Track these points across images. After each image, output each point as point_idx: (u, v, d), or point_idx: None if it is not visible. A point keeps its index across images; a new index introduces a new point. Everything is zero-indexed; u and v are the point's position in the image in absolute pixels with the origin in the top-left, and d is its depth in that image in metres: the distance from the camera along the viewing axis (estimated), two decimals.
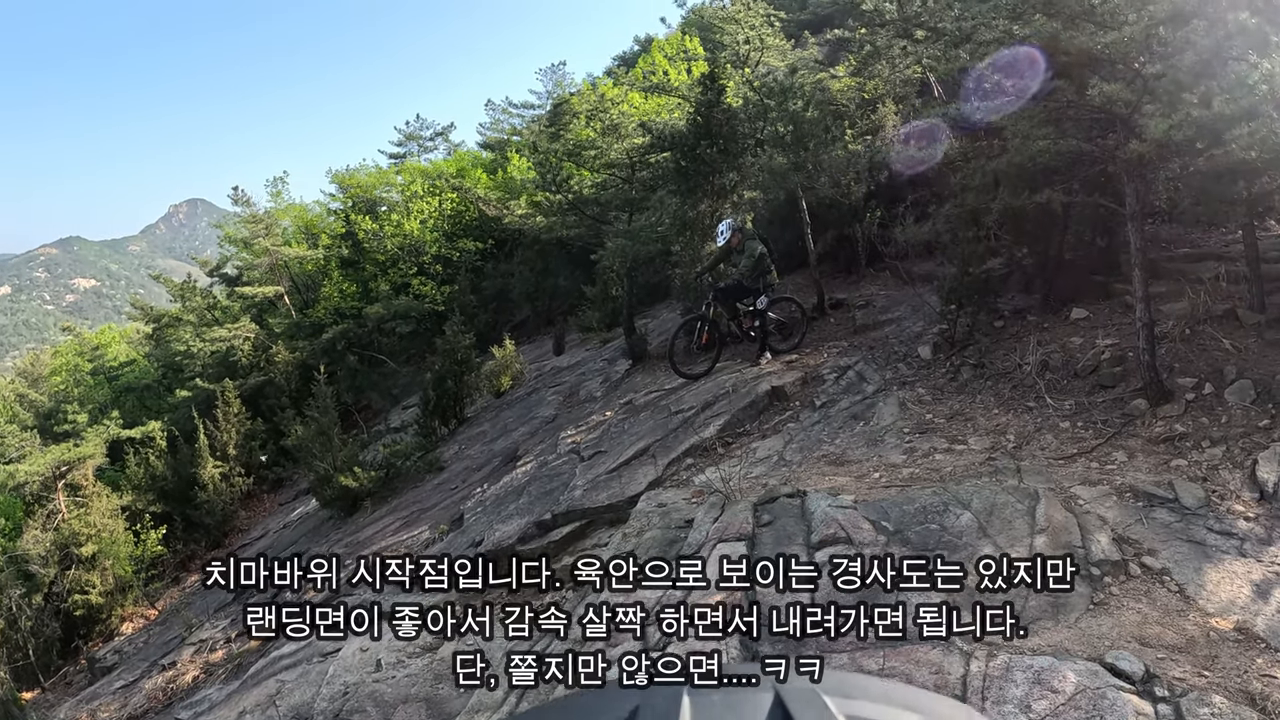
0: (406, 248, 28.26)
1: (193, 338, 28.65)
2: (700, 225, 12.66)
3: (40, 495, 22.80)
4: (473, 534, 10.08)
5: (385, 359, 26.56)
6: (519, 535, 9.12)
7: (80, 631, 20.92)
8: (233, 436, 24.00)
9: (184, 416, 25.78)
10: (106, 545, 20.76)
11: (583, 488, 9.38)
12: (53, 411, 29.47)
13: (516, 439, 14.10)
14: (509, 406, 16.82)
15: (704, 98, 13.20)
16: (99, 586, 20.38)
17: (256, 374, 27.46)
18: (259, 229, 29.87)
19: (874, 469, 7.04)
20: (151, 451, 24.25)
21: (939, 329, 10.04)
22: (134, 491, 23.23)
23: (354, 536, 14.06)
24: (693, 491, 7.65)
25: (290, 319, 29.26)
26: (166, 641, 15.23)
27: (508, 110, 34.15)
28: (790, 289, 14.08)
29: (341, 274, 29.70)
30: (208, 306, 30.74)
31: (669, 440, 9.57)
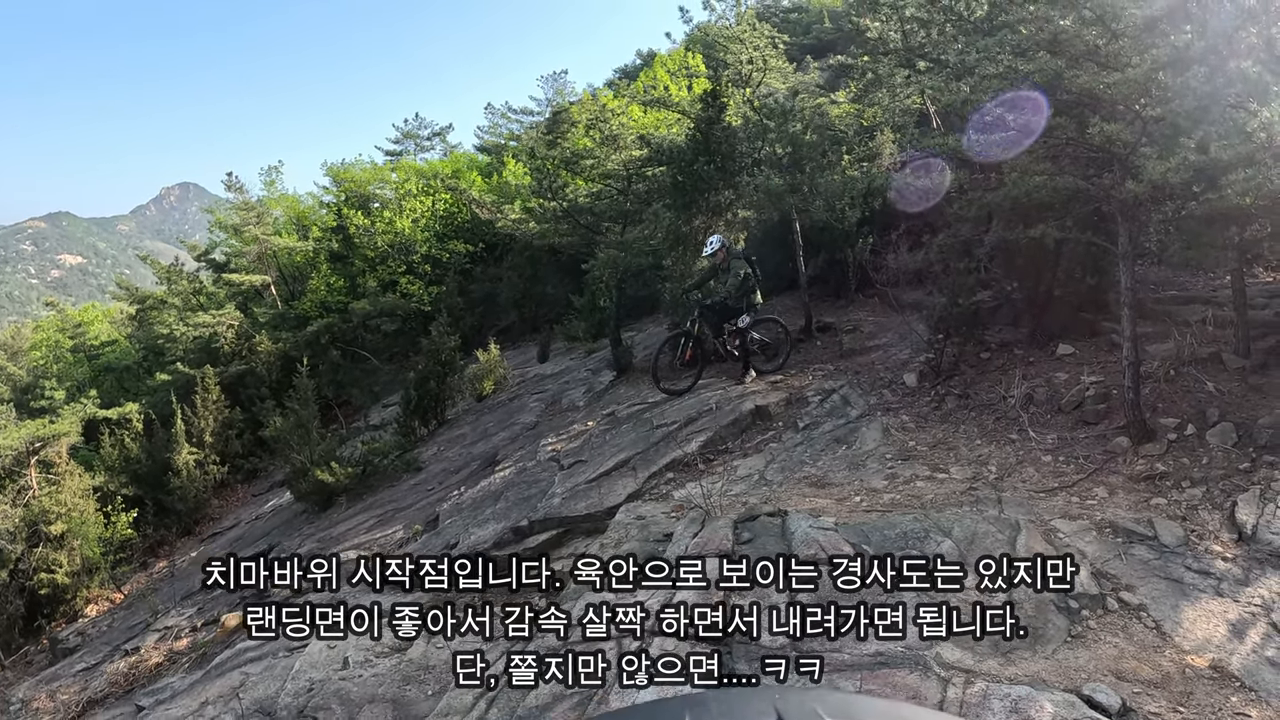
0: (397, 245, 28.23)
1: (176, 322, 28.50)
2: (693, 240, 12.69)
3: (12, 470, 22.63)
4: (447, 536, 10.02)
5: (368, 356, 26.47)
6: (494, 540, 9.07)
7: (44, 611, 20.74)
8: (210, 424, 23.86)
9: (162, 400, 25.60)
10: (76, 525, 20.60)
11: (561, 496, 9.35)
12: (30, 386, 29.22)
13: (496, 444, 14.05)
14: (490, 411, 16.76)
15: (705, 114, 13.28)
16: (66, 566, 20.22)
17: (238, 362, 27.30)
18: (250, 217, 29.81)
19: (855, 492, 7.05)
20: (127, 433, 24.11)
21: (925, 357, 10.06)
22: (107, 473, 23.09)
23: (327, 532, 13.96)
24: (673, 506, 7.63)
25: (275, 309, 29.17)
26: (131, 627, 15.06)
27: (507, 115, 34.28)
28: (778, 310, 14.12)
29: (330, 267, 29.63)
30: (193, 291, 30.62)
31: (650, 454, 9.56)
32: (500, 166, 29.86)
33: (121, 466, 23.49)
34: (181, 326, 28.18)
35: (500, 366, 18.36)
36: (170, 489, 22.62)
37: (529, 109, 34.06)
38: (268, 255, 30.13)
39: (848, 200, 13.51)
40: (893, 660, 4.51)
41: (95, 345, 33.89)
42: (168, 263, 32.61)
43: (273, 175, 33.34)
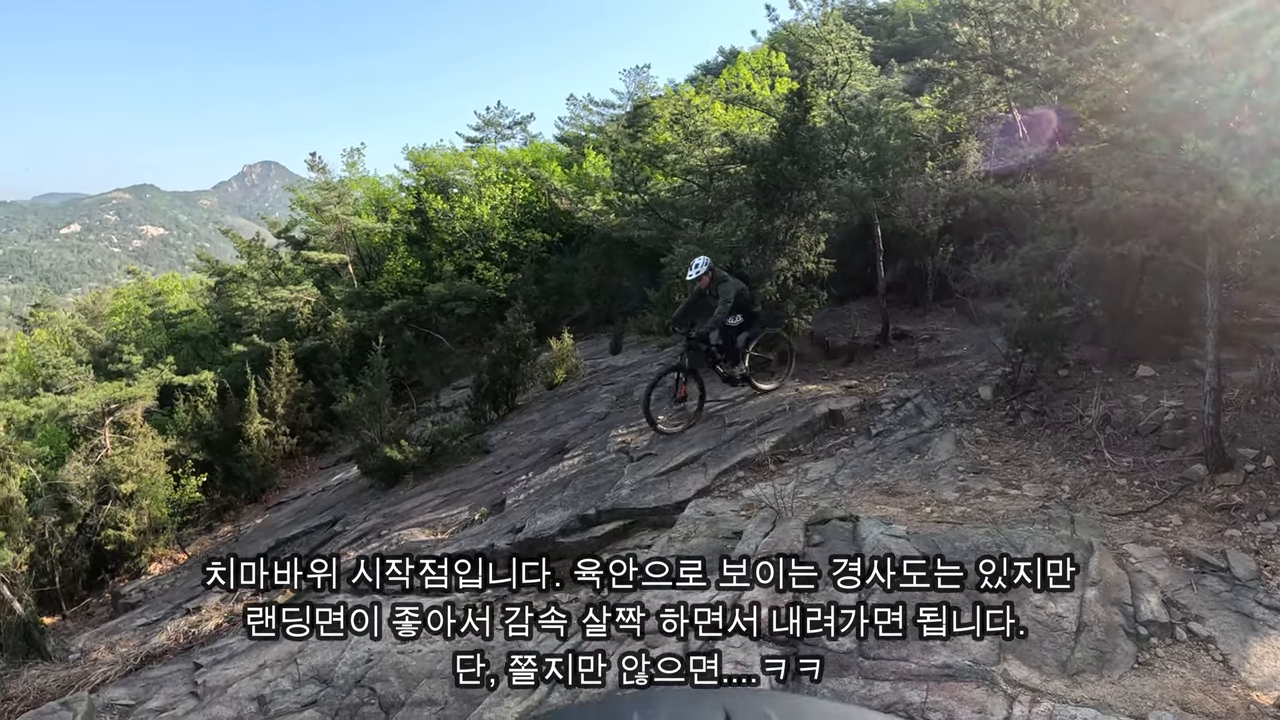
0: (474, 231, 28.49)
1: (255, 295, 29.18)
2: (774, 240, 12.62)
3: (87, 429, 23.21)
4: (513, 520, 10.13)
5: (441, 338, 26.78)
6: (560, 527, 9.17)
7: (108, 566, 21.30)
8: (282, 396, 24.53)
9: (237, 370, 26.49)
10: (146, 485, 21.13)
11: (630, 488, 9.39)
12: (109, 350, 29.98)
13: (566, 432, 14.15)
14: (560, 399, 16.86)
15: (790, 114, 13.20)
16: (133, 524, 20.77)
17: (313, 338, 27.86)
18: (331, 196, 30.31)
19: (926, 503, 7.04)
20: (201, 400, 24.92)
21: (1002, 371, 9.97)
22: (179, 437, 23.77)
23: (392, 509, 14.15)
24: (742, 504, 7.65)
25: (352, 288, 29.62)
26: (193, 587, 15.43)
27: (588, 107, 34.45)
28: (854, 315, 14.09)
29: (407, 250, 29.99)
30: (272, 266, 31.24)
31: (721, 451, 9.58)
32: (580, 158, 30.07)
33: (194, 432, 24.22)
34: (259, 300, 28.89)
35: (572, 356, 18.45)
36: (240, 456, 23.24)
37: (610, 102, 34.26)
38: (346, 235, 30.62)
39: (930, 207, 13.44)
40: (960, 673, 4.51)
41: (173, 314, 34.57)
42: (248, 238, 33.36)
43: (354, 157, 33.55)
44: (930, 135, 15.40)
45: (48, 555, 20.33)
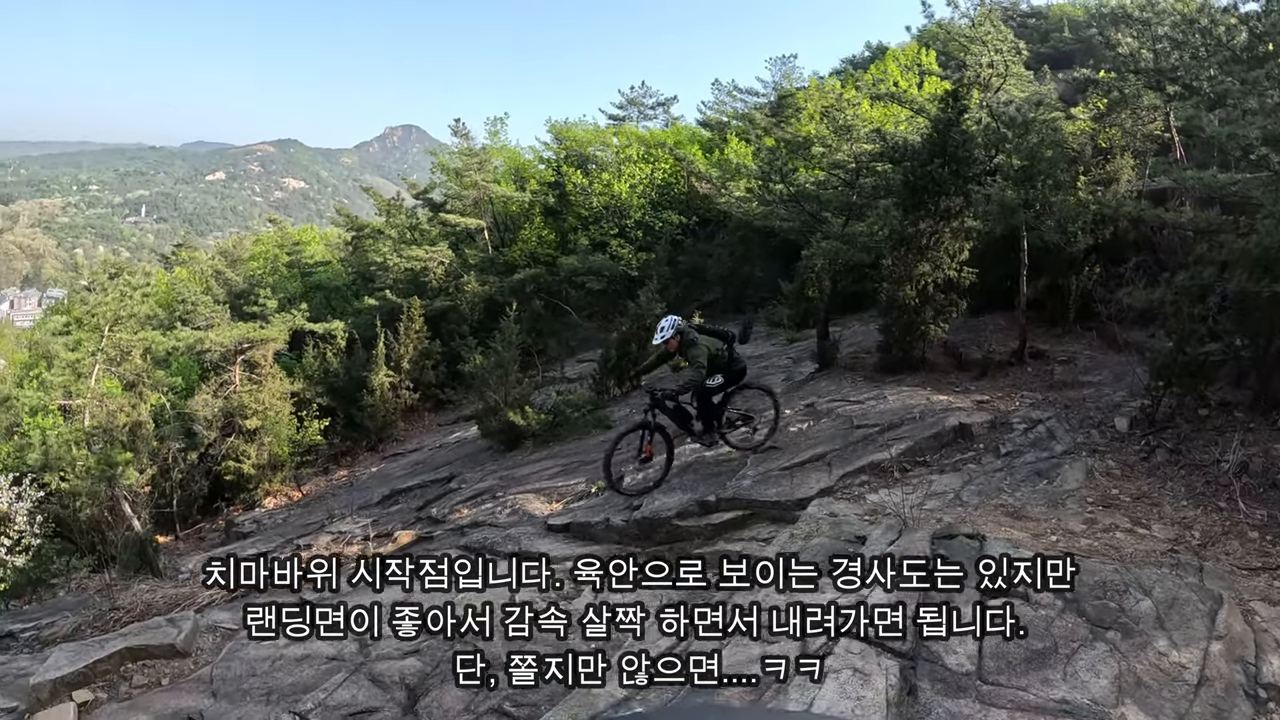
0: (611, 208, 28.82)
1: (391, 252, 29.95)
2: (917, 243, 12.46)
3: (218, 365, 24.52)
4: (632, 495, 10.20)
5: (570, 310, 27.21)
6: (679, 510, 9.22)
7: (225, 495, 22.50)
8: (410, 351, 25.22)
9: (366, 323, 27.40)
10: (270, 423, 22.22)
11: (752, 479, 9.40)
12: (245, 292, 31.40)
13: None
14: None
15: (944, 115, 13.01)
16: (253, 459, 21.86)
17: (443, 298, 28.47)
18: (473, 162, 31.01)
19: (1051, 530, 6.94)
20: (330, 348, 25.96)
21: (1140, 404, 9.67)
22: (306, 381, 24.86)
23: (510, 471, 14.36)
24: (866, 509, 7.64)
25: (486, 254, 30.27)
26: (305, 524, 15.96)
27: (733, 93, 34.34)
28: (989, 328, 13.90)
29: (543, 221, 30.50)
30: (410, 226, 32.11)
31: (847, 452, 9.56)
32: (722, 144, 30.06)
33: (320, 377, 25.23)
34: (395, 257, 29.65)
35: None
36: (362, 405, 23.99)
37: (754, 90, 34.07)
38: (484, 201, 31.34)
39: (1080, 224, 13.14)
40: (1077, 711, 4.46)
41: (309, 264, 36.11)
42: (388, 197, 34.40)
43: (497, 126, 34.33)
44: (1082, 148, 14.96)
45: (168, 479, 21.43)
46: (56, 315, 41.12)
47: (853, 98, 18.19)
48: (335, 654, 8.11)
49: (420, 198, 35.03)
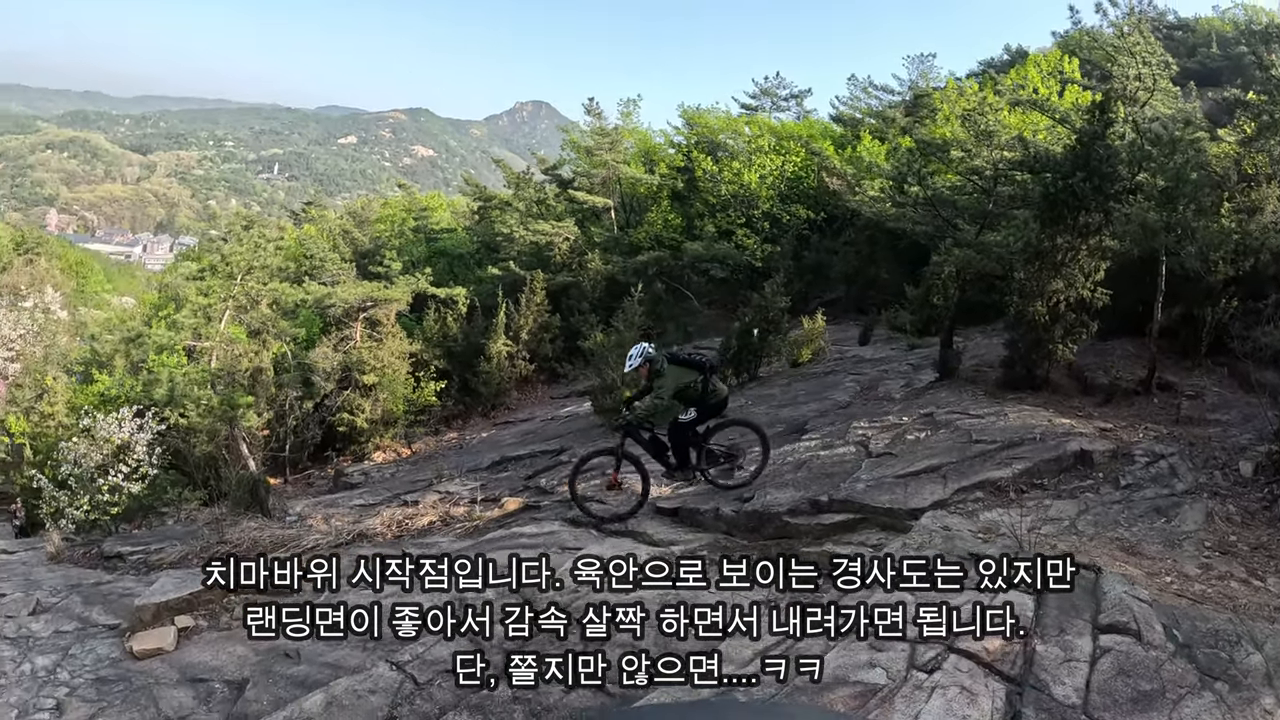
0: (739, 197, 28.90)
1: (517, 225, 30.55)
2: (1052, 259, 12.16)
3: (340, 320, 25.46)
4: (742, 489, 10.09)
5: (691, 296, 27.49)
6: (790, 506, 9.13)
7: (336, 445, 23.42)
8: (529, 323, 25.85)
9: (488, 291, 28.05)
10: (386, 381, 23.00)
11: (865, 483, 9.37)
12: (370, 253, 32.46)
13: (805, 413, 14.21)
14: (803, 379, 16.90)
15: (1089, 126, 12.67)
16: (367, 413, 22.67)
17: (566, 274, 29.00)
18: (604, 142, 31.48)
19: (1166, 571, 6.83)
20: (451, 313, 26.70)
21: (1268, 449, 9.24)
22: (425, 343, 25.67)
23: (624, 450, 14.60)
24: (980, 526, 7.59)
25: (611, 233, 30.72)
26: (413, 481, 16.31)
27: (868, 89, 33.97)
28: (1116, 354, 13.59)
29: (670, 205, 30.78)
30: (537, 200, 32.76)
31: (963, 466, 9.47)
32: (854, 140, 29.77)
33: (439, 341, 26.04)
34: (521, 230, 30.25)
35: (821, 338, 18.52)
36: (478, 371, 24.71)
37: (889, 87, 33.69)
38: (612, 181, 31.82)
39: (1221, 253, 12.66)
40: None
41: (435, 230, 36.97)
42: (518, 170, 35.04)
43: (630, 107, 34.57)
44: (1226, 173, 14.39)
45: (283, 424, 22.50)
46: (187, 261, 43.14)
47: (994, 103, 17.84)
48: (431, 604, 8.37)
49: (549, 173, 35.61)
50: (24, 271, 52.20)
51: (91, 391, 24.69)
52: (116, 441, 18.60)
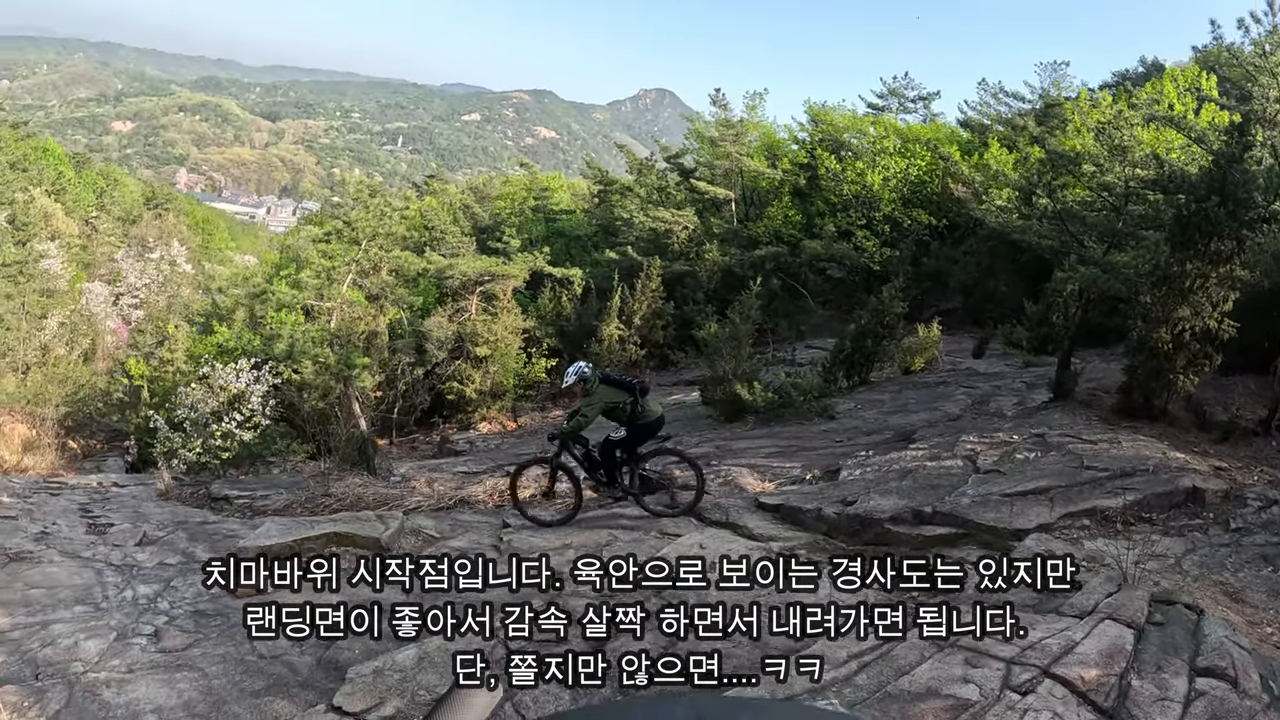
0: (861, 198, 28.74)
1: (637, 210, 30.84)
2: (1180, 285, 11.78)
3: (457, 292, 26.02)
4: (845, 491, 10.27)
5: (806, 294, 27.47)
6: (892, 514, 9.20)
7: (443, 413, 24.33)
8: (642, 308, 26.00)
9: (603, 274, 28.24)
10: (499, 354, 23.64)
11: (971, 498, 9.35)
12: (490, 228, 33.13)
13: (915, 422, 14.14)
14: (914, 388, 16.87)
15: (1226, 149, 12.31)
16: (477, 384, 23.34)
17: (683, 262, 29.05)
18: (728, 134, 31.47)
19: (1268, 621, 6.76)
20: (566, 293, 27.21)
21: None
22: (538, 320, 26.21)
23: (727, 443, 14.69)
24: (1083, 554, 7.55)
25: (730, 225, 30.71)
26: (517, 454, 16.54)
27: (997, 95, 33.08)
28: (1237, 390, 13.22)
29: (791, 201, 30.65)
30: (658, 188, 32.93)
31: (1071, 492, 9.37)
32: (982, 147, 29.10)
33: (552, 319, 26.59)
34: (641, 216, 30.51)
35: (935, 347, 18.44)
36: (588, 352, 24.69)
37: (1020, 94, 32.76)
38: (734, 173, 31.74)
39: None
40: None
41: (554, 210, 37.41)
42: (639, 156, 35.36)
43: (755, 100, 34.29)
44: None
45: (393, 388, 23.35)
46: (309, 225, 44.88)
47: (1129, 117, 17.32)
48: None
49: (671, 161, 35.64)
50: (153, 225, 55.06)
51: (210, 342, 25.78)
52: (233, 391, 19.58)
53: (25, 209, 37.91)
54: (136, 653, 7.40)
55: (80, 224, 48.70)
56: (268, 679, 6.74)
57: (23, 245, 33.94)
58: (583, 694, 5.61)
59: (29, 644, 7.66)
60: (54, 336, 33.79)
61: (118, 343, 39.77)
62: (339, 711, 5.87)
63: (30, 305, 31.37)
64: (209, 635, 7.68)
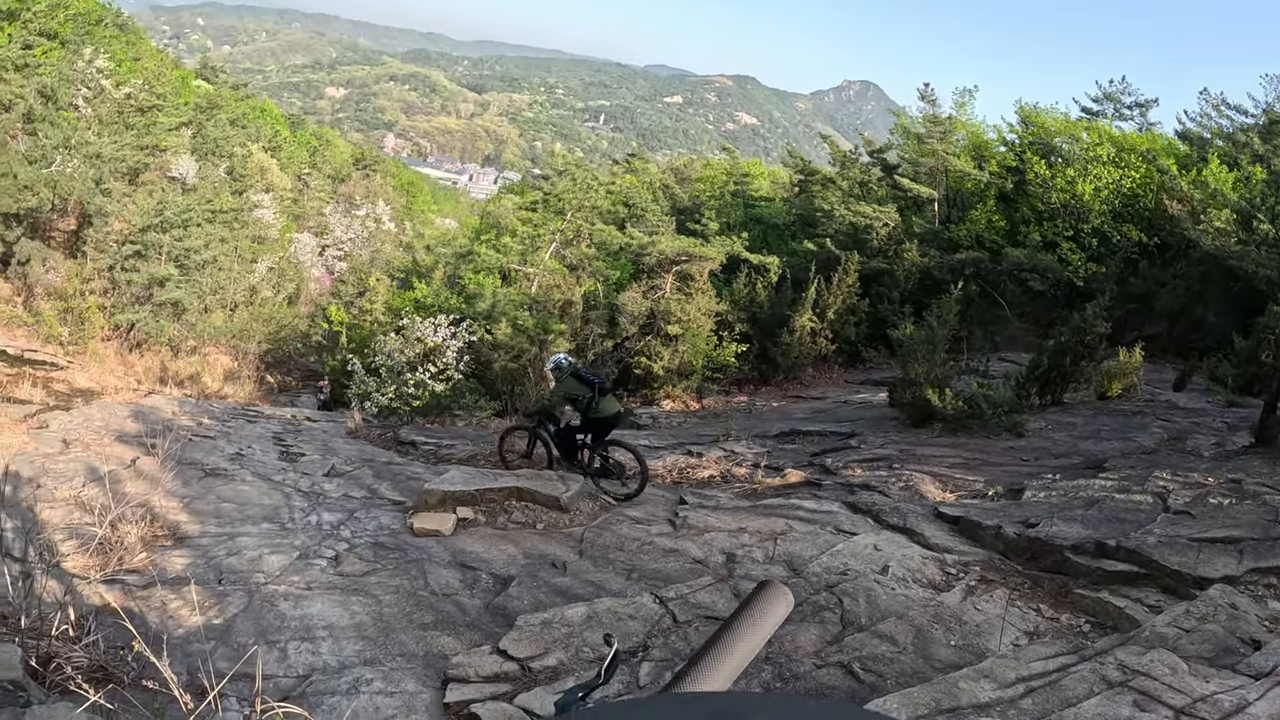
0: (1069, 207, 27.81)
1: (838, 203, 30.82)
2: None
3: (653, 269, 26.56)
4: (1027, 512, 10.21)
5: (1004, 304, 26.86)
6: (1074, 543, 9.09)
7: (628, 386, 24.97)
8: (836, 303, 26.19)
9: (799, 265, 28.51)
10: (690, 334, 24.17)
11: (1158, 538, 9.12)
12: (689, 210, 33.83)
13: (1106, 450, 13.91)
14: (1108, 414, 16.49)
15: None
16: (665, 361, 23.91)
17: (881, 260, 28.97)
18: (936, 131, 31.04)
19: None
20: (761, 280, 27.38)
21: None
22: (732, 305, 26.54)
23: (911, 448, 14.77)
24: (1268, 613, 7.32)
25: (931, 226, 30.30)
26: (699, 435, 17.06)
27: (1219, 107, 31.13)
28: None
29: (996, 205, 29.99)
30: (860, 182, 32.99)
31: (1263, 546, 9.01)
32: (1200, 163, 27.45)
33: (745, 305, 26.82)
34: (841, 209, 30.48)
35: (1135, 374, 17.87)
36: (778, 341, 25.38)
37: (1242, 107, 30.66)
38: (939, 172, 31.28)
39: None
40: None
41: (754, 196, 37.76)
42: (842, 148, 35.26)
43: (965, 97, 33.77)
44: None
45: (583, 357, 24.15)
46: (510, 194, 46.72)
47: None
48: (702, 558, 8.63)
49: (874, 155, 35.26)
50: (360, 184, 58.79)
51: (408, 297, 27.51)
52: (429, 344, 21.00)
53: (243, 162, 41.48)
54: (316, 573, 7.97)
55: (293, 179, 52.30)
56: (437, 614, 7.12)
57: (239, 195, 36.72)
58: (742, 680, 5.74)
59: (216, 551, 8.46)
60: (262, 279, 36.43)
61: (320, 290, 42.67)
62: (503, 655, 6.11)
63: (243, 249, 33.63)
64: (385, 566, 8.20)
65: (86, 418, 13.67)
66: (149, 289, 25.59)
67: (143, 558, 7.71)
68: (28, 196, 22.92)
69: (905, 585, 7.61)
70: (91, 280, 24.15)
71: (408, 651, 6.32)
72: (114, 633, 5.57)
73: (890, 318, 24.99)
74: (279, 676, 5.81)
